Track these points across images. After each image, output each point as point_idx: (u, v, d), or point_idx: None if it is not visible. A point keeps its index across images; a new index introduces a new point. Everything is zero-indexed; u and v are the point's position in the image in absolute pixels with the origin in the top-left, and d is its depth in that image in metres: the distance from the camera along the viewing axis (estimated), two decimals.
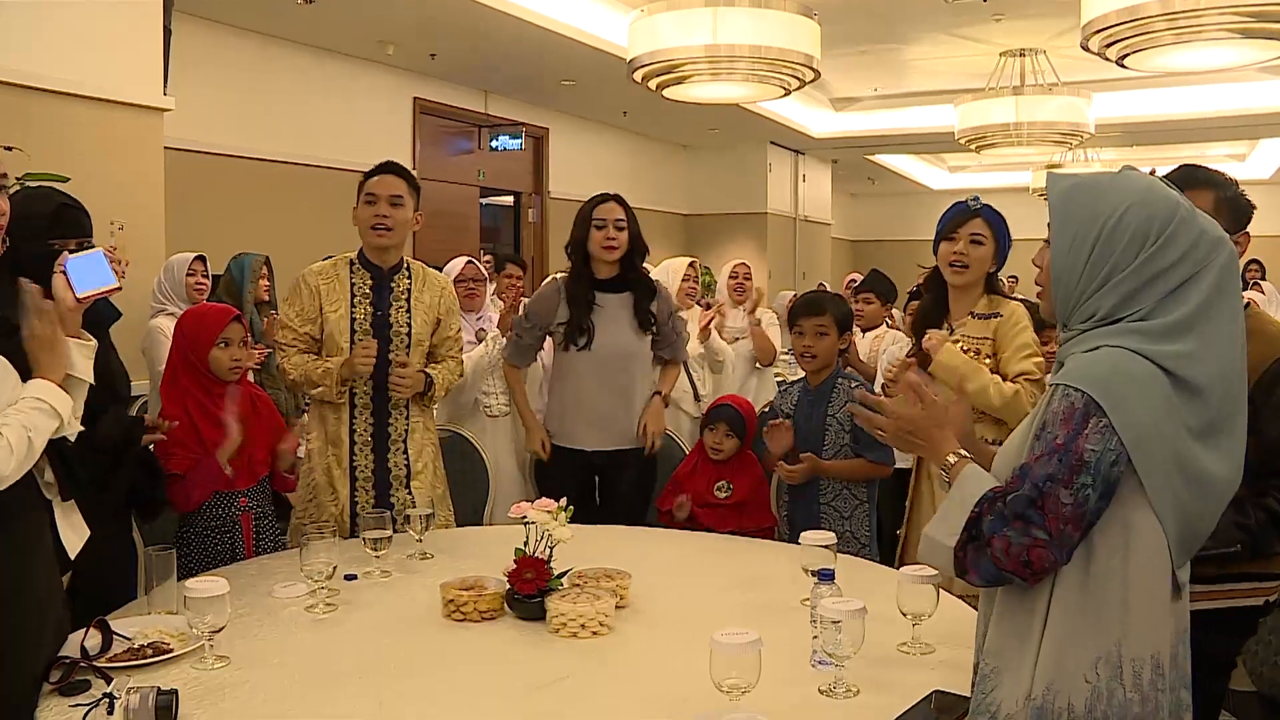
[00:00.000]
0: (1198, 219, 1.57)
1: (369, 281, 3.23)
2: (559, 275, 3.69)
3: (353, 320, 3.19)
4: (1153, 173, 1.64)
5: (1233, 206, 2.29)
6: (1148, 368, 1.50)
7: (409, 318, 3.24)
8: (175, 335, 2.94)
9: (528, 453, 3.95)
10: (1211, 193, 2.28)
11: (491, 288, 4.63)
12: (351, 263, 3.26)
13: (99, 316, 2.31)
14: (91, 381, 2.00)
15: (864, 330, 5.34)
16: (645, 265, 4.07)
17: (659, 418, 3.65)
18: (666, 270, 4.91)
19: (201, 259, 4.72)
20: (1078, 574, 1.51)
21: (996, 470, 1.66)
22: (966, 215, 3.03)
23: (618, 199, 3.60)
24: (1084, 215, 1.58)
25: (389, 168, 3.25)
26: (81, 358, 1.98)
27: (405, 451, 3.26)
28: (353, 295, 3.20)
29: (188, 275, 4.65)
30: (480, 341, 4.09)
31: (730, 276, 5.40)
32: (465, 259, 4.44)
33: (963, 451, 1.71)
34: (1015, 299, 3.10)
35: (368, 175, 3.25)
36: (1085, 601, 1.51)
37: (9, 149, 3.54)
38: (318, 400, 3.21)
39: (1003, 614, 1.60)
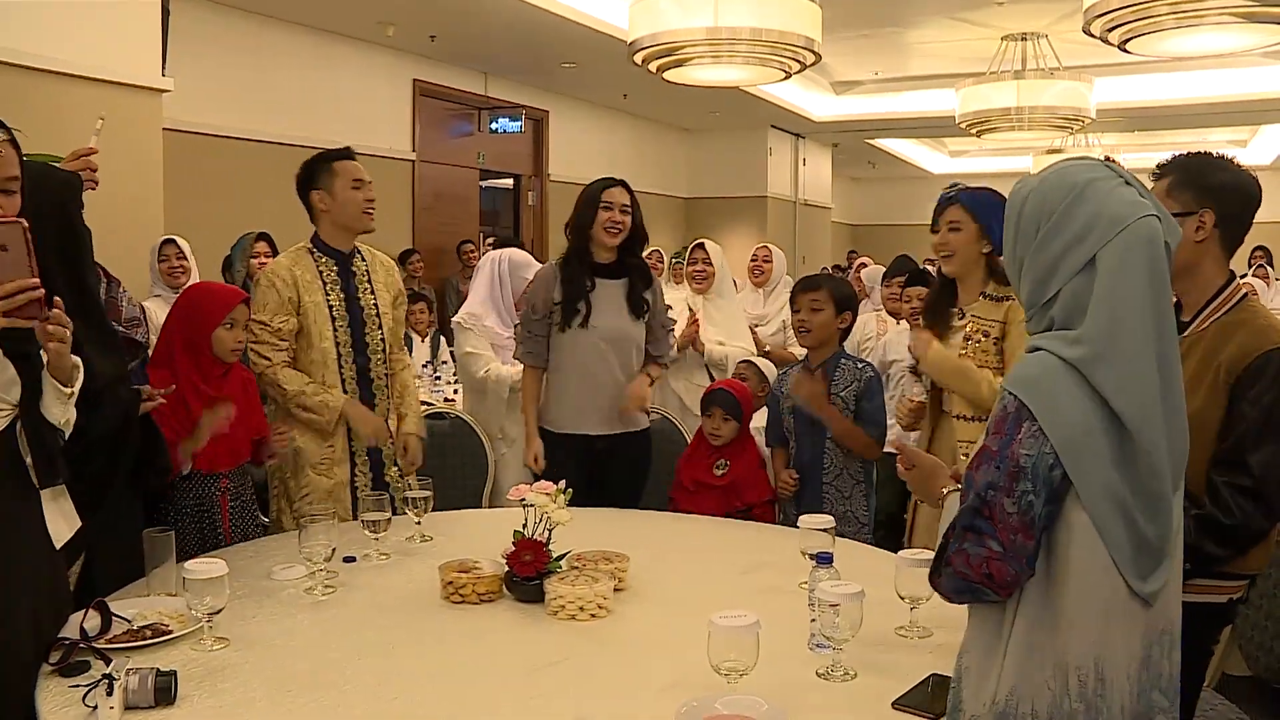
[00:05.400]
0: (1098, 200, 1.51)
1: (334, 267, 3.26)
2: (554, 261, 3.65)
3: (330, 307, 3.21)
4: (1108, 159, 1.61)
5: (1190, 184, 2.20)
6: (1072, 372, 1.47)
7: (374, 299, 3.31)
8: (175, 312, 2.92)
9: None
10: (1169, 177, 2.23)
11: None
12: (311, 251, 3.26)
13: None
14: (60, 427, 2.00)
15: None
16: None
17: (642, 385, 3.57)
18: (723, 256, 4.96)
19: (171, 241, 4.61)
20: (1040, 578, 1.50)
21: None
22: (943, 205, 2.98)
23: (624, 184, 3.57)
24: (1008, 217, 1.61)
25: (352, 154, 3.30)
26: (57, 404, 1.97)
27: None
28: (324, 283, 3.22)
29: (160, 261, 4.56)
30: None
31: (750, 259, 5.40)
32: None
33: (949, 487, 1.73)
34: None
35: (333, 158, 3.25)
36: (1045, 606, 1.50)
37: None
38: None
39: (976, 615, 1.59)
